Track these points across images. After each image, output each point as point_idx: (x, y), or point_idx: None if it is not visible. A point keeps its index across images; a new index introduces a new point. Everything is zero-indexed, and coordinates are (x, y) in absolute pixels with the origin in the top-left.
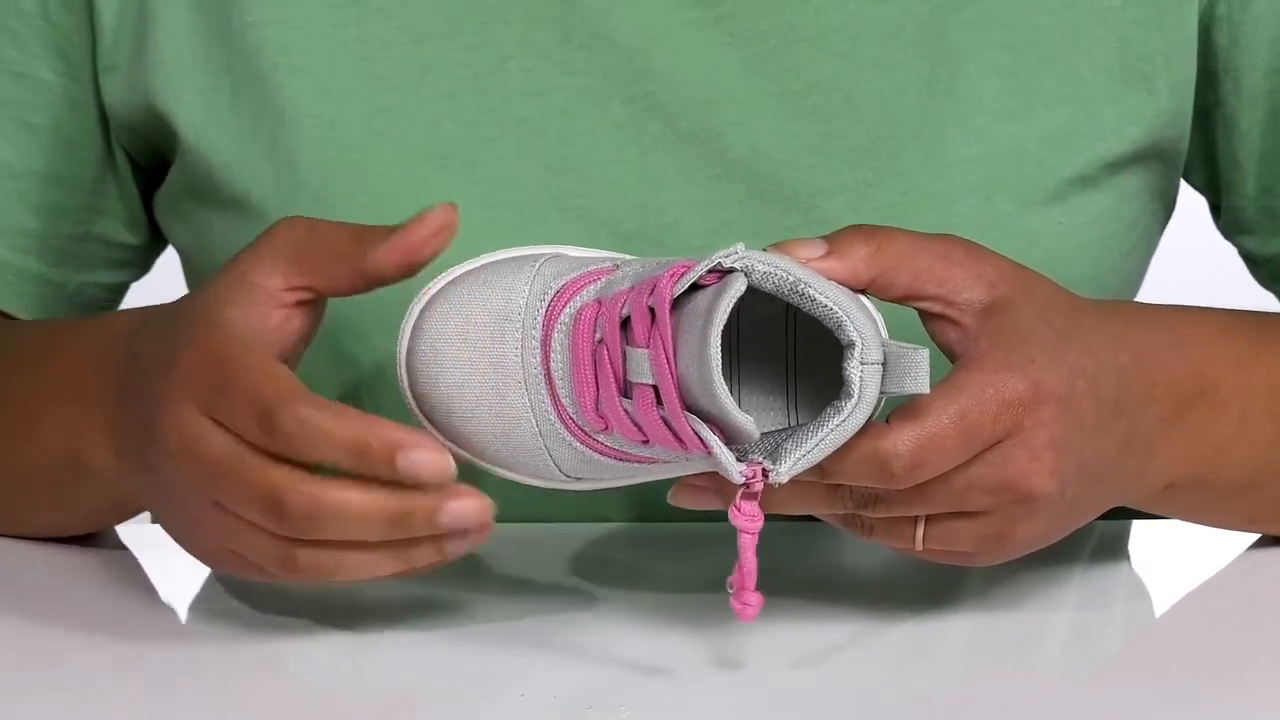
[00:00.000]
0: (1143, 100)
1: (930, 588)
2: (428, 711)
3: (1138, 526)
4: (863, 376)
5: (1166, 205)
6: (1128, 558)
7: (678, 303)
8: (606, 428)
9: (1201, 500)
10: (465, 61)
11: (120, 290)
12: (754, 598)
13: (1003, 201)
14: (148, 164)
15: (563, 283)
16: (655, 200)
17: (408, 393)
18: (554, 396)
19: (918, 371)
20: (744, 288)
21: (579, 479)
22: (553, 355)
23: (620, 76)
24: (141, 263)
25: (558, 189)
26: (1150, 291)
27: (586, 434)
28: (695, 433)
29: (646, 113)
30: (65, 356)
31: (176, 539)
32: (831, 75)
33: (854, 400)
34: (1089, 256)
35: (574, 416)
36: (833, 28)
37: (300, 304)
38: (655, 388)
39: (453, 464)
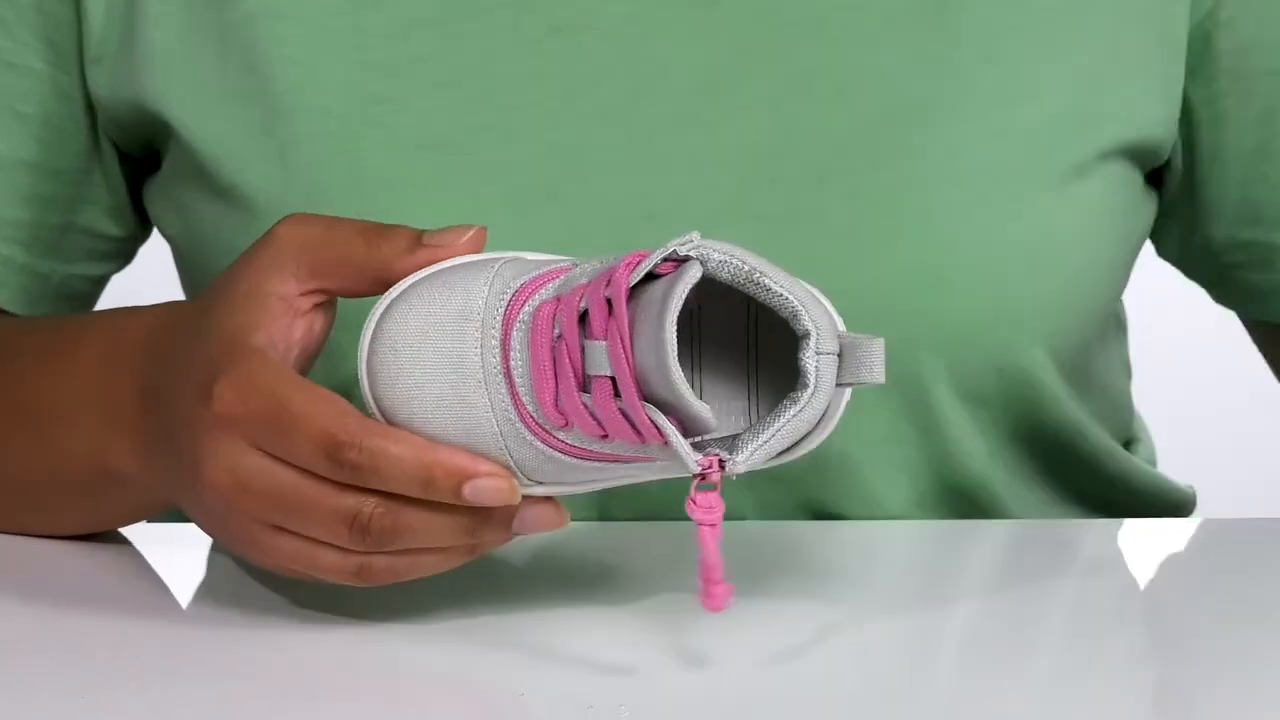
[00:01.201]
0: (1138, 90)
1: (924, 587)
2: (427, 711)
3: (1137, 526)
4: (818, 366)
5: (1156, 198)
6: (1125, 557)
7: (635, 293)
8: (566, 424)
9: None
10: (457, 49)
11: (102, 282)
12: (721, 589)
13: (1002, 185)
14: (137, 154)
15: (521, 282)
16: (648, 186)
17: (368, 395)
18: (514, 394)
19: (873, 361)
20: (699, 274)
21: (540, 483)
22: (512, 353)
23: (611, 63)
24: (124, 254)
25: (551, 176)
26: (1150, 286)
27: (547, 432)
28: (652, 422)
29: (639, 99)
30: (79, 362)
31: (229, 549)
32: (830, 58)
33: (810, 390)
34: (1086, 241)
35: (534, 414)
36: (832, 10)
37: (317, 307)
38: (614, 379)
39: (517, 486)
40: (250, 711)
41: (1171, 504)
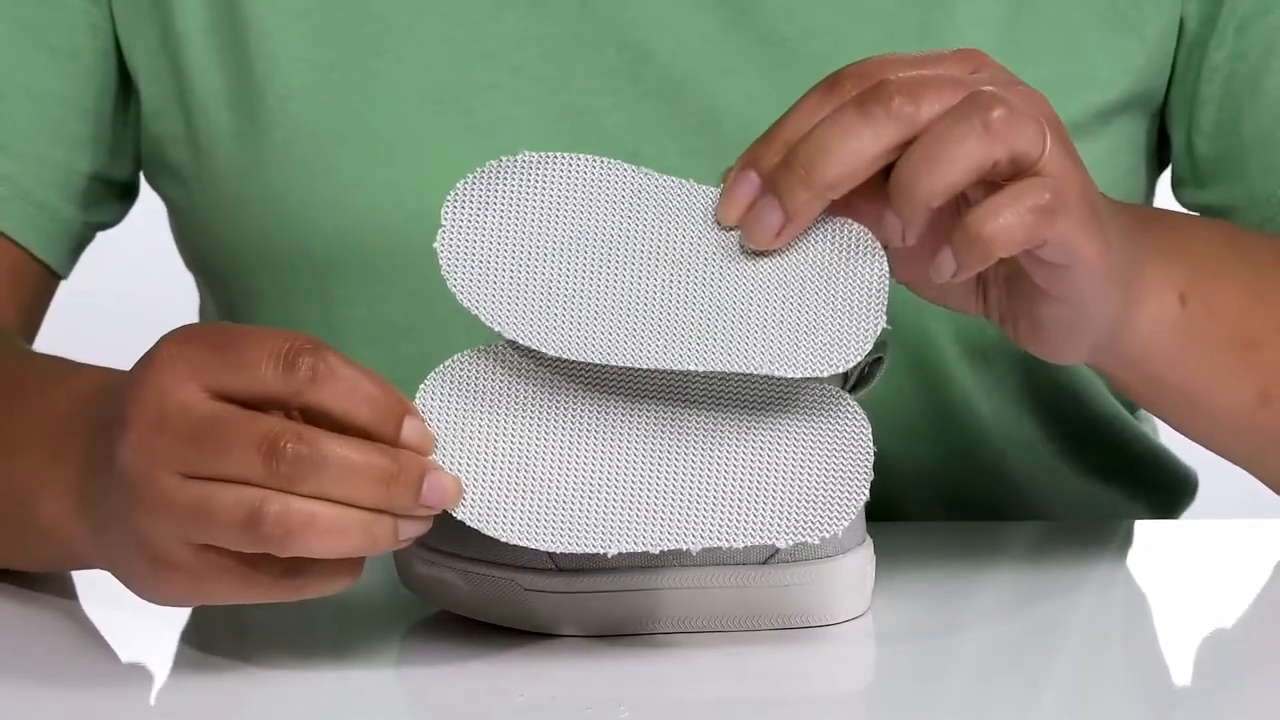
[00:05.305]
0: (1133, 48)
1: (926, 589)
2: (427, 713)
3: (1138, 526)
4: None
5: (1159, 161)
6: (1127, 558)
7: None
8: None
9: (1210, 336)
10: (461, 7)
11: (96, 229)
12: None
13: None
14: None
15: None
16: (649, 148)
17: None
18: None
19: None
20: None
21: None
22: None
23: (613, 24)
24: (124, 211)
25: (554, 136)
26: None
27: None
28: None
29: (639, 60)
30: (33, 405)
31: (138, 584)
32: (823, 22)
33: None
34: None
35: None
36: None
37: None
38: None
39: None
40: (250, 708)
41: (1175, 478)
